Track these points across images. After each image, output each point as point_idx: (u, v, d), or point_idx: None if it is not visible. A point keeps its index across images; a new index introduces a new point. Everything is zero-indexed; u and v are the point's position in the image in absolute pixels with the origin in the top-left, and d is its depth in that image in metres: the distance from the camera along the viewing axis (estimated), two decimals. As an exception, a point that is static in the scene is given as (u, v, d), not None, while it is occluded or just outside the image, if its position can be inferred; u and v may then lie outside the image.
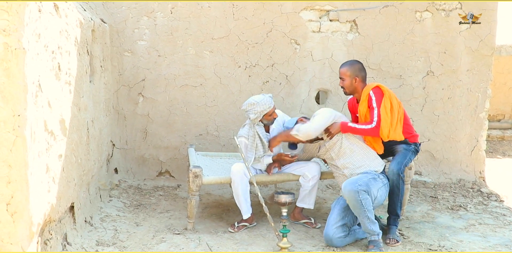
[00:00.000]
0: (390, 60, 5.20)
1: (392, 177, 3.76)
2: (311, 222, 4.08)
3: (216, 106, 5.18)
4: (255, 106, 3.83)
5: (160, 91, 5.12)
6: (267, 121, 3.96)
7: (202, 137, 5.22)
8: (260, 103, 3.82)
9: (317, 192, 4.14)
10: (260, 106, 3.83)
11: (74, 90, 3.42)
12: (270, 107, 3.86)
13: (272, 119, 3.96)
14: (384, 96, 3.73)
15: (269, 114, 3.91)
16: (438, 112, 5.31)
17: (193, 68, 5.11)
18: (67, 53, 3.24)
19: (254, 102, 3.83)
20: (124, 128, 5.17)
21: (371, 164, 3.70)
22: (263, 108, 3.84)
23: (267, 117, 3.92)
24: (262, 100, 3.83)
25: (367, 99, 3.77)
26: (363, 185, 3.49)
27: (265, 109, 3.85)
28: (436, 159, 5.38)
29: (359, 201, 3.47)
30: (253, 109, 3.84)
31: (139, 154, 5.22)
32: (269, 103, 3.84)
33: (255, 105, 3.83)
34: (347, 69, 3.86)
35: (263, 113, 3.87)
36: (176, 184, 5.21)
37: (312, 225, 4.06)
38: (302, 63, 5.17)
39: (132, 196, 4.80)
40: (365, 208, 3.48)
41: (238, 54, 5.10)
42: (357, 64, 3.88)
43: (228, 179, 3.91)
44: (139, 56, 5.05)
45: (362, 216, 3.50)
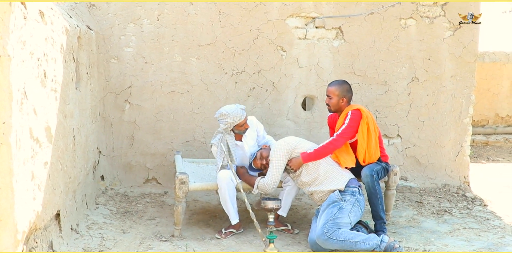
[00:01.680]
0: (375, 66, 5.22)
1: (366, 179, 3.82)
2: (288, 228, 4.09)
3: (203, 113, 5.17)
4: (225, 117, 3.87)
5: (147, 98, 5.11)
6: (238, 131, 4.02)
7: (189, 144, 5.21)
8: (231, 115, 3.86)
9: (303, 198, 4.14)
10: (230, 118, 3.87)
11: (60, 97, 3.40)
12: (240, 120, 3.90)
13: (243, 130, 4.01)
14: (362, 120, 3.84)
15: (240, 125, 3.96)
16: (423, 118, 5.35)
17: (180, 75, 5.10)
18: (53, 60, 3.23)
19: (225, 113, 3.87)
20: (110, 134, 5.14)
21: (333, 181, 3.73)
22: (233, 120, 3.88)
23: (238, 128, 3.98)
24: (233, 112, 3.86)
25: (344, 117, 3.89)
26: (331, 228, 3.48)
27: (235, 121, 3.90)
28: (422, 164, 5.41)
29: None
30: (223, 120, 3.90)
31: (126, 161, 5.20)
32: (239, 115, 3.87)
33: (226, 117, 3.87)
34: (335, 88, 3.95)
35: (233, 124, 3.92)
36: (163, 190, 5.17)
37: (289, 231, 4.06)
38: (289, 69, 5.18)
39: (119, 203, 4.77)
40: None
41: (225, 61, 5.10)
42: (346, 85, 3.98)
43: (215, 185, 3.92)
44: (126, 63, 5.04)
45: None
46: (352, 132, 3.84)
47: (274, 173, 3.81)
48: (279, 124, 5.27)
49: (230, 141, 3.99)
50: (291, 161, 3.82)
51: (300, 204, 4.87)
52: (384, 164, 4.02)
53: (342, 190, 3.69)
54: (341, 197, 3.64)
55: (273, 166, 3.81)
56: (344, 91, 3.95)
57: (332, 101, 3.97)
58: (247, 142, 4.14)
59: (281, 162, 3.80)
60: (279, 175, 3.84)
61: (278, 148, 3.82)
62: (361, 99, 5.24)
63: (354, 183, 3.75)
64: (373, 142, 3.87)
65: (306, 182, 3.82)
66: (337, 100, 3.95)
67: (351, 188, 3.70)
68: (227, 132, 3.99)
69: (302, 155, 3.78)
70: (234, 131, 4.02)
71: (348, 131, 3.83)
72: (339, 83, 4.00)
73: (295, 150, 3.82)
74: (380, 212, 3.88)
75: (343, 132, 3.82)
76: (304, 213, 4.64)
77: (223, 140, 3.98)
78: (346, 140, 3.86)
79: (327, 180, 3.75)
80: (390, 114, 5.31)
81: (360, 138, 3.85)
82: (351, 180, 3.75)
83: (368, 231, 3.80)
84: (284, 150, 3.81)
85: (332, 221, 3.53)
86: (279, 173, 3.83)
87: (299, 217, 4.51)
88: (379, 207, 3.87)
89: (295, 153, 3.82)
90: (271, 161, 3.82)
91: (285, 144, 3.84)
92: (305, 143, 3.92)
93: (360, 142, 3.86)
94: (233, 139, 4.03)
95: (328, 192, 3.72)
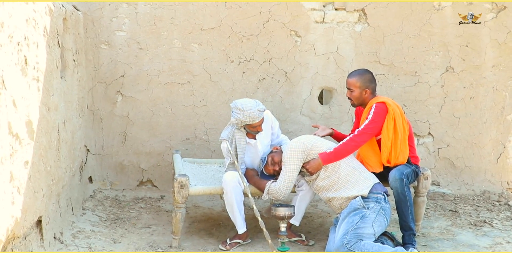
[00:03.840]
0: (403, 54, 5.19)
1: (394, 183, 3.79)
2: (302, 239, 4.08)
3: (205, 106, 5.17)
4: (239, 112, 3.86)
5: (142, 89, 5.11)
6: (250, 131, 4.00)
7: (189, 142, 5.21)
8: (246, 113, 3.84)
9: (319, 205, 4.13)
10: (243, 116, 3.85)
11: (43, 87, 3.40)
12: (254, 121, 3.88)
13: (255, 131, 3.99)
14: (388, 115, 3.83)
15: (253, 126, 3.94)
16: (458, 114, 5.32)
17: (180, 63, 5.09)
18: (35, 45, 3.23)
19: (240, 108, 3.85)
20: (100, 130, 5.15)
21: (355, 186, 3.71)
22: (245, 119, 3.86)
23: (250, 128, 3.96)
24: (249, 110, 3.83)
25: (368, 110, 3.89)
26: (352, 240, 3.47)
27: (247, 121, 3.87)
28: (457, 168, 5.38)
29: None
30: (236, 114, 3.87)
31: (117, 160, 5.20)
32: (254, 117, 3.85)
33: (239, 112, 3.85)
34: (356, 79, 3.95)
35: (244, 123, 3.90)
36: (160, 195, 5.19)
37: (303, 242, 4.06)
38: (304, 58, 5.16)
39: (109, 209, 4.77)
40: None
41: (231, 47, 5.09)
42: (368, 74, 3.98)
43: (219, 189, 3.91)
44: (118, 49, 5.04)
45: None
46: (377, 128, 3.83)
47: (288, 177, 3.80)
48: (293, 120, 5.27)
49: (238, 138, 3.98)
50: (309, 163, 3.80)
51: (315, 212, 4.84)
52: (414, 166, 3.99)
53: (365, 196, 3.66)
54: (364, 204, 3.62)
55: (287, 169, 3.79)
56: (366, 82, 3.95)
57: (354, 94, 3.97)
58: (261, 140, 4.10)
59: (295, 164, 3.78)
60: (293, 179, 3.82)
61: (292, 148, 3.81)
62: (387, 92, 5.23)
63: (379, 188, 3.72)
64: (400, 140, 3.85)
65: (323, 186, 3.80)
66: (359, 92, 3.95)
67: (375, 194, 3.67)
68: (237, 127, 3.98)
69: (320, 156, 3.76)
70: (246, 129, 4.00)
71: (371, 126, 3.81)
72: (360, 73, 4.00)
73: (312, 150, 3.81)
74: (410, 222, 3.86)
75: (366, 127, 3.81)
76: (320, 222, 4.61)
77: (233, 135, 3.98)
78: (369, 137, 3.84)
79: (348, 184, 3.73)
80: (421, 109, 5.29)
81: (385, 135, 3.83)
82: (376, 185, 3.72)
83: (394, 244, 3.77)
84: (299, 151, 3.79)
85: (354, 232, 3.50)
86: (293, 177, 3.81)
87: (314, 227, 4.49)
88: (409, 216, 3.85)
89: (311, 153, 3.80)
90: (284, 163, 3.81)
91: (300, 144, 3.82)
92: (322, 142, 3.90)
93: (384, 140, 3.84)
94: (243, 136, 4.02)
95: (349, 199, 3.69)
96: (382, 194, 3.70)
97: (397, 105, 3.93)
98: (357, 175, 3.76)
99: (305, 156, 3.80)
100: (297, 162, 3.79)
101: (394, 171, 3.83)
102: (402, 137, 3.87)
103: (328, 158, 3.76)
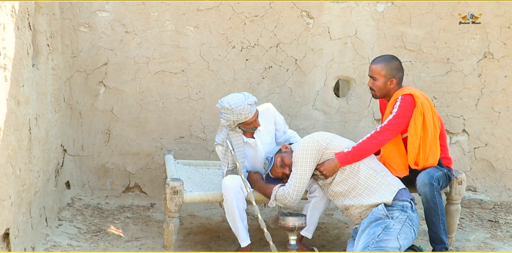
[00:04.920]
0: (434, 38, 5.20)
1: (423, 188, 3.80)
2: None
3: (202, 99, 5.17)
4: (229, 112, 3.89)
5: (128, 79, 5.10)
6: (246, 129, 4.04)
7: (183, 140, 5.20)
8: (235, 111, 3.87)
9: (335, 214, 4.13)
10: (233, 115, 3.88)
11: (12, 77, 3.38)
12: (247, 118, 3.91)
13: (252, 128, 4.04)
14: (415, 109, 3.85)
15: (247, 124, 3.98)
16: (498, 108, 5.35)
17: (172, 49, 5.09)
18: (1, 27, 3.21)
19: (230, 108, 3.88)
20: (79, 127, 5.14)
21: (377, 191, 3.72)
22: (236, 118, 3.89)
23: (245, 126, 4.00)
24: (237, 107, 3.86)
25: (393, 104, 3.93)
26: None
27: (240, 120, 3.91)
28: (497, 170, 5.41)
29: None
30: (226, 115, 3.91)
31: (100, 162, 5.20)
32: (246, 113, 3.88)
33: (229, 112, 3.89)
34: (382, 66, 3.97)
35: (237, 122, 3.95)
36: (149, 202, 5.20)
37: None
38: (317, 43, 5.16)
39: (90, 219, 4.76)
40: None
41: (232, 30, 5.09)
42: (395, 62, 4.02)
43: (219, 195, 3.92)
44: (100, 33, 5.03)
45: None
46: (402, 124, 3.85)
47: (299, 180, 3.80)
48: (304, 115, 5.28)
49: (235, 140, 4.02)
50: (324, 165, 3.81)
51: (331, 222, 4.86)
52: (446, 169, 4.00)
53: (389, 204, 3.66)
54: (388, 213, 3.62)
55: (297, 171, 3.80)
56: (393, 70, 3.96)
57: (378, 84, 3.99)
58: (261, 139, 4.13)
59: (308, 166, 3.79)
60: (305, 183, 3.82)
61: (304, 147, 3.81)
62: (414, 83, 5.24)
63: (405, 195, 3.73)
64: (430, 139, 3.86)
65: (340, 192, 3.81)
66: (384, 82, 3.98)
67: (401, 202, 3.68)
68: (231, 128, 4.02)
69: (337, 156, 3.78)
70: (241, 128, 4.04)
71: (396, 121, 3.83)
72: (386, 59, 4.03)
73: (327, 149, 3.82)
74: (441, 233, 3.86)
75: (390, 123, 3.83)
76: (336, 233, 4.63)
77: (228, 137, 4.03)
78: (394, 134, 3.86)
79: (368, 189, 3.74)
80: (454, 102, 5.31)
81: (412, 133, 3.84)
82: (401, 191, 3.73)
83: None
84: (312, 150, 3.80)
85: (375, 245, 3.51)
86: (304, 181, 3.81)
87: (329, 239, 4.50)
88: (440, 227, 3.86)
89: (326, 153, 3.82)
90: (295, 164, 3.82)
91: (313, 142, 3.83)
92: (339, 140, 3.92)
93: (411, 138, 3.85)
94: (239, 136, 4.06)
95: (370, 207, 3.71)
96: (408, 201, 3.70)
97: (426, 98, 3.93)
98: (380, 179, 3.76)
99: (319, 157, 3.81)
100: (310, 163, 3.79)
101: (422, 174, 3.82)
102: (433, 135, 3.87)
103: (345, 158, 3.76)
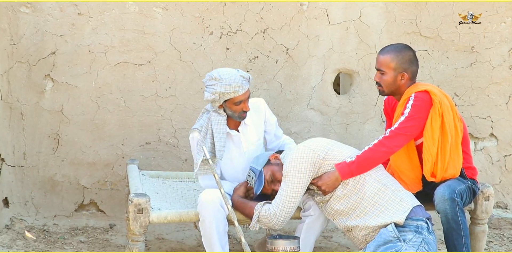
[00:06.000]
0: (454, 22, 5.22)
1: (443, 205, 3.77)
2: None
3: (173, 97, 5.12)
4: (216, 83, 3.91)
5: (82, 72, 5.01)
6: (232, 112, 4.04)
7: (150, 147, 5.17)
8: (224, 80, 3.89)
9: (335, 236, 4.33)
10: (221, 86, 3.89)
11: None
12: (236, 93, 3.92)
13: (240, 112, 4.03)
14: (432, 109, 3.83)
15: (235, 102, 3.97)
16: (534, 108, 5.38)
17: (136, 36, 5.04)
18: None
19: (218, 77, 3.91)
20: (20, 131, 5.03)
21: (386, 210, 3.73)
22: (225, 89, 3.89)
23: (232, 105, 3.99)
24: (228, 77, 3.90)
25: (405, 103, 3.92)
26: None
27: (228, 93, 3.91)
28: (531, 183, 5.42)
29: None
30: (212, 87, 3.92)
31: (47, 174, 5.10)
32: (236, 85, 3.91)
33: (217, 83, 3.91)
34: (391, 58, 3.95)
35: (223, 97, 3.94)
36: (108, 223, 5.12)
37: None
38: (312, 28, 5.16)
39: (34, 245, 4.68)
40: None
41: (209, 13, 5.07)
42: (408, 52, 4.00)
43: (194, 214, 3.90)
44: (46, 14, 4.93)
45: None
46: (416, 127, 3.83)
47: (288, 199, 3.77)
48: (297, 116, 5.28)
49: (216, 125, 4.02)
50: (322, 179, 3.78)
51: (330, 246, 4.90)
52: (470, 181, 3.97)
53: (401, 224, 3.64)
54: (399, 235, 3.59)
55: (287, 187, 3.77)
56: (405, 62, 3.93)
57: (386, 79, 3.95)
58: (246, 136, 4.14)
59: (300, 182, 3.76)
60: (296, 202, 3.80)
61: (297, 159, 3.78)
62: (431, 76, 5.25)
63: (420, 213, 3.72)
64: (450, 145, 3.84)
65: (341, 210, 3.79)
66: (394, 76, 3.94)
67: (415, 221, 3.67)
68: (214, 108, 4.01)
69: (338, 168, 3.75)
70: (226, 111, 4.03)
71: (409, 124, 3.81)
72: (397, 49, 4.00)
73: (326, 160, 3.80)
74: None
75: (401, 127, 3.81)
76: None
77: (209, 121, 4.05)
78: (406, 140, 3.85)
79: (376, 207, 3.72)
80: (479, 101, 5.34)
81: (428, 138, 3.82)
82: (415, 209, 3.71)
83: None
84: (307, 162, 3.77)
85: None
86: (295, 200, 3.78)
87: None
88: (463, 250, 3.80)
89: (325, 165, 3.79)
90: (285, 179, 3.79)
91: (309, 152, 3.79)
92: (340, 148, 3.90)
93: (427, 144, 3.83)
94: (222, 121, 4.05)
95: (378, 228, 3.68)
96: (424, 221, 3.69)
97: (445, 96, 3.91)
98: (390, 195, 3.75)
99: (316, 169, 3.79)
100: (303, 179, 3.77)
101: (442, 188, 3.80)
102: (454, 140, 3.87)
103: (348, 170, 3.74)
